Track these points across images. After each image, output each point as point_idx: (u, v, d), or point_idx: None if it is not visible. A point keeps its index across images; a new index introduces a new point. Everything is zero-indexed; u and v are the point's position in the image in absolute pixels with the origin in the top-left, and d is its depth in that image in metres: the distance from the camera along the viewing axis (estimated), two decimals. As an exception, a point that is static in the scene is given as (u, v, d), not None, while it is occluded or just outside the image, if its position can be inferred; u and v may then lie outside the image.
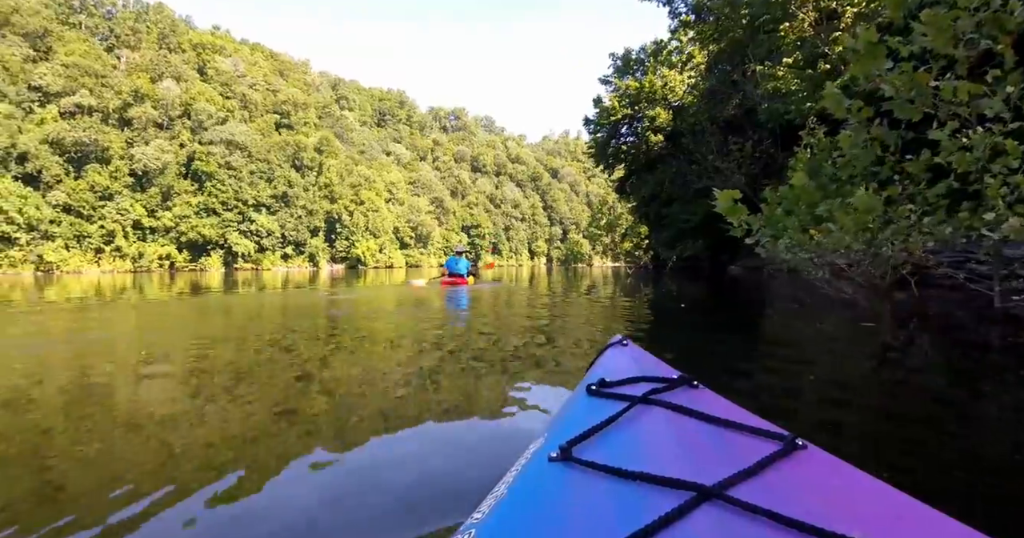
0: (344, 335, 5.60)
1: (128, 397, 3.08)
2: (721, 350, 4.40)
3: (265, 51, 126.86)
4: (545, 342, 4.79)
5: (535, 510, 0.83)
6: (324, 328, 6.28)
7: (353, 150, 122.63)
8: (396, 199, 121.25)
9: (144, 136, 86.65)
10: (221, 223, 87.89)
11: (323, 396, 3.04)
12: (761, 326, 6.45)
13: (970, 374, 3.55)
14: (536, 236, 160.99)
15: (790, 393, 3.02)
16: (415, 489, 1.76)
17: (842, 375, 3.53)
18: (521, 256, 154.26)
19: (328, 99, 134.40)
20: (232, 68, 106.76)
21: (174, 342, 5.17)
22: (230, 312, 8.78)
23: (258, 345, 4.85)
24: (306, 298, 12.29)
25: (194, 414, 2.66)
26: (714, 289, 14.26)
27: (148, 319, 7.74)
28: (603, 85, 41.12)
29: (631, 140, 39.87)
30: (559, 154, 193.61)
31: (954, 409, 2.73)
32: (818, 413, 2.66)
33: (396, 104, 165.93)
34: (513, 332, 5.40)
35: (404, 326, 6.37)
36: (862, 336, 5.05)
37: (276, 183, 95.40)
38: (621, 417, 1.14)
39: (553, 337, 5.06)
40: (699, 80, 34.19)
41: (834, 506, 0.79)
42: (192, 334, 5.83)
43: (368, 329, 6.19)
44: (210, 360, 4.17)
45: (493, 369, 3.72)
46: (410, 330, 5.91)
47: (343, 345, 4.93)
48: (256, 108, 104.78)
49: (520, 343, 4.75)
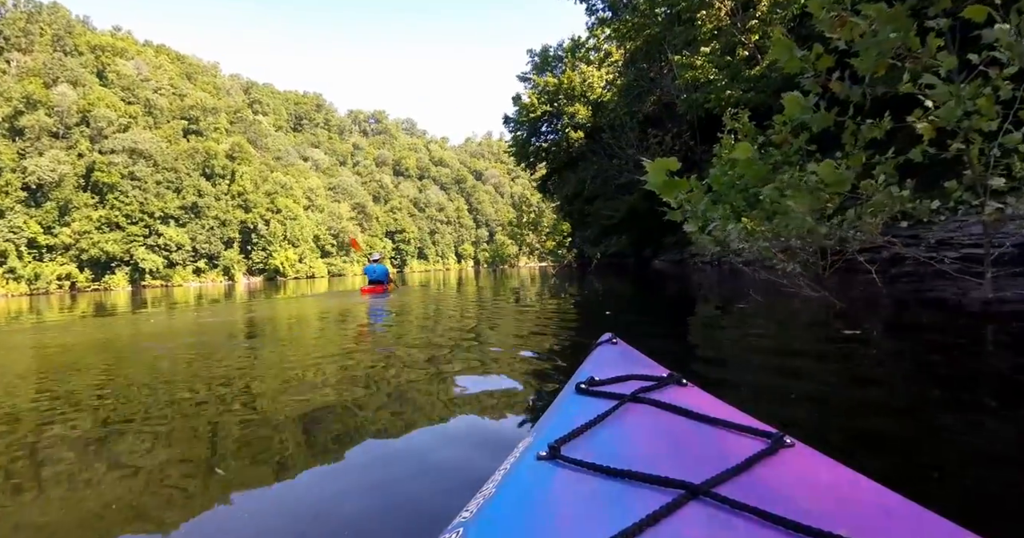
0: (265, 359, 4.97)
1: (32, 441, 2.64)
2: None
3: (171, 53, 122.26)
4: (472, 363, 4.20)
5: (523, 509, 0.85)
6: (242, 344, 6.19)
7: (268, 156, 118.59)
8: (315, 206, 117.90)
9: (38, 146, 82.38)
10: (126, 238, 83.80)
11: (300, 401, 3.01)
12: (702, 330, 5.71)
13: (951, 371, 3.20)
14: (462, 239, 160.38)
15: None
16: (403, 489, 1.78)
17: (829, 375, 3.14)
18: (448, 260, 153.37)
19: (240, 103, 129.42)
20: (135, 71, 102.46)
21: (76, 375, 4.50)
22: (141, 336, 7.95)
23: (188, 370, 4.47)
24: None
25: (105, 466, 2.25)
26: (641, 285, 13.79)
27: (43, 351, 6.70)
28: (522, 82, 40.91)
29: (552, 138, 39.80)
30: (482, 156, 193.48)
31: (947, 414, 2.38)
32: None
33: (313, 108, 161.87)
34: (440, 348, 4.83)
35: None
36: (835, 333, 4.42)
37: (185, 193, 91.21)
38: (609, 415, 1.16)
39: (482, 357, 4.42)
40: (617, 76, 34.40)
41: (821, 503, 0.80)
42: (96, 362, 5.17)
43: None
44: (121, 393, 3.65)
45: (472, 369, 3.76)
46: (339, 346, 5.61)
47: (279, 362, 4.69)
48: (162, 114, 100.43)
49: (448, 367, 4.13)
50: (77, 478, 2.10)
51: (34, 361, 5.58)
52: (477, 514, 0.85)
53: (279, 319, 9.52)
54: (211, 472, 2.08)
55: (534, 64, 39.86)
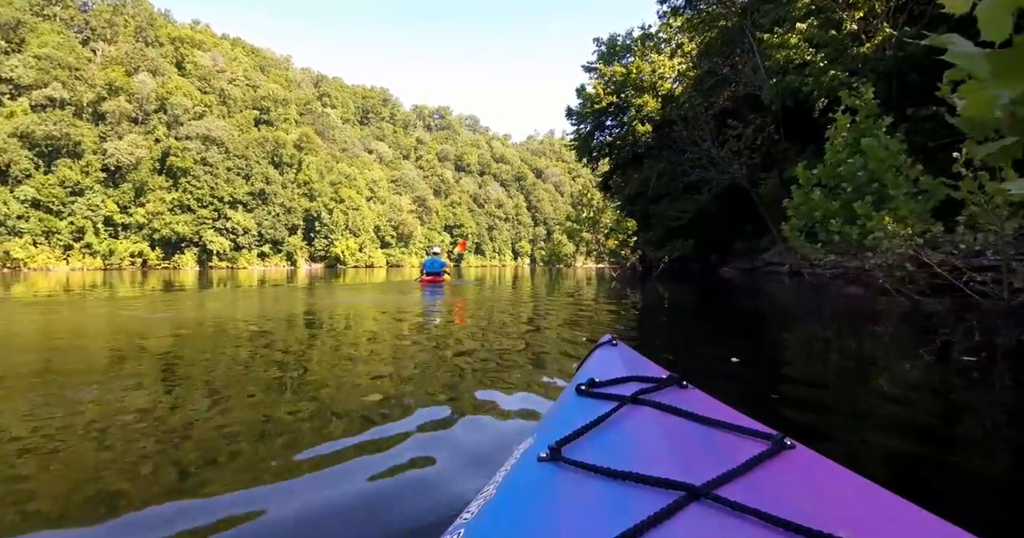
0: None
1: (97, 404, 2.80)
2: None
3: (246, 46, 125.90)
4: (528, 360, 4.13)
5: (524, 510, 0.84)
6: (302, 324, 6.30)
7: (334, 148, 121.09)
8: (377, 197, 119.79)
9: (118, 130, 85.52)
10: (196, 220, 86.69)
11: (304, 399, 2.91)
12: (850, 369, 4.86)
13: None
14: (520, 236, 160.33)
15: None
16: (403, 490, 1.75)
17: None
18: (504, 256, 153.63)
19: (310, 96, 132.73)
20: (211, 63, 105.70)
21: (143, 342, 4.88)
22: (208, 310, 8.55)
23: (235, 345, 4.72)
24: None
25: (167, 421, 2.49)
26: (716, 297, 12.41)
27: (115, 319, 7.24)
28: (587, 73, 38.67)
29: (616, 132, 37.55)
30: (544, 154, 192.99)
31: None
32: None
33: (379, 102, 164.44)
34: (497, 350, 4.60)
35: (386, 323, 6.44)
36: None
37: (253, 180, 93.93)
38: (610, 417, 1.15)
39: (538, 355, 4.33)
40: (690, 67, 32.42)
41: (822, 505, 0.80)
42: (166, 334, 5.49)
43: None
44: (183, 364, 3.94)
45: (481, 369, 3.67)
46: (393, 328, 5.99)
47: (330, 340, 4.98)
48: (235, 104, 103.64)
49: (504, 358, 4.20)
50: (105, 450, 2.14)
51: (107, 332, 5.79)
52: (478, 515, 0.86)
53: (338, 306, 9.40)
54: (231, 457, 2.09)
55: (600, 53, 37.47)
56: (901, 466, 1.96)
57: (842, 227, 7.74)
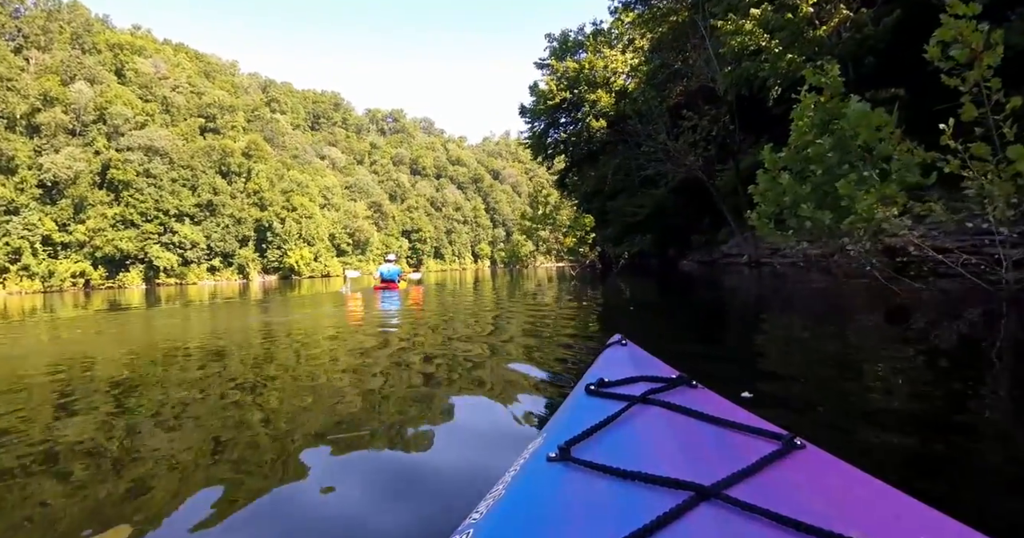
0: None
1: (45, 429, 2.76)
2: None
3: (190, 52, 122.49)
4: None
5: (533, 510, 0.86)
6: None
7: (285, 154, 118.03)
8: (331, 205, 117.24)
9: (54, 143, 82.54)
10: (140, 236, 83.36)
11: (309, 400, 3.00)
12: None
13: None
14: (479, 239, 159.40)
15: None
16: (413, 489, 1.79)
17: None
18: (465, 259, 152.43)
19: (258, 102, 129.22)
20: (153, 70, 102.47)
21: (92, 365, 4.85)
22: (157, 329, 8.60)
23: (183, 368, 4.56)
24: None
25: (119, 449, 2.41)
26: (676, 290, 12.60)
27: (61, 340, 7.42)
28: (539, 69, 38.49)
29: (571, 128, 37.49)
30: (500, 155, 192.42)
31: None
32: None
33: (331, 106, 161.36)
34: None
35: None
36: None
37: (200, 191, 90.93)
38: (620, 417, 1.16)
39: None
40: (643, 62, 32.21)
41: (833, 506, 0.81)
42: (113, 354, 5.47)
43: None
44: (138, 382, 3.91)
45: (482, 370, 3.76)
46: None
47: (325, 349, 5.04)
48: (179, 112, 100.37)
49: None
50: (79, 474, 2.08)
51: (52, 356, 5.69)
52: (487, 515, 0.86)
53: (293, 317, 9.50)
54: (211, 473, 2.04)
55: (552, 49, 37.39)
56: (907, 462, 1.91)
57: (814, 212, 7.28)
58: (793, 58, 16.54)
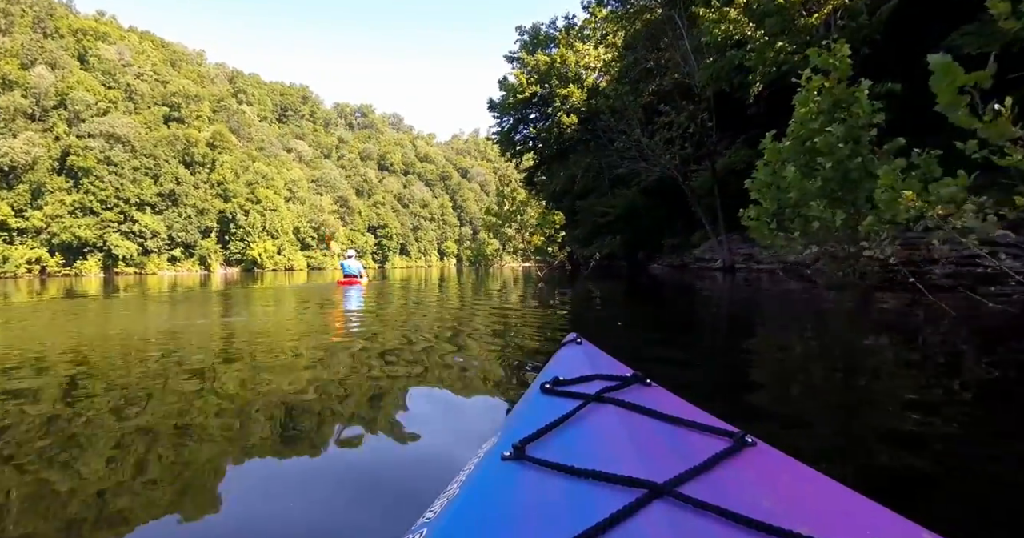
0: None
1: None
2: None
3: (155, 40, 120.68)
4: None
5: (487, 509, 0.85)
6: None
7: (251, 146, 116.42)
8: (297, 198, 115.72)
9: (12, 128, 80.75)
10: (99, 223, 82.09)
11: (262, 402, 2.86)
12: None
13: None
14: (446, 236, 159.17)
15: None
16: (366, 488, 1.79)
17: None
18: (431, 257, 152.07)
19: (224, 92, 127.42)
20: (117, 56, 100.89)
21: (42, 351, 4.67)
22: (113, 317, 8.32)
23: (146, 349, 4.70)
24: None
25: (79, 435, 2.37)
26: (648, 295, 11.85)
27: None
28: (509, 63, 37.39)
29: (541, 124, 36.45)
30: (469, 153, 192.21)
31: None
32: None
33: (299, 100, 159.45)
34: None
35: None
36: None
37: (163, 180, 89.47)
38: (574, 415, 1.16)
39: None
40: (617, 58, 31.27)
41: (783, 502, 0.81)
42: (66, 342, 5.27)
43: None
44: (89, 371, 3.80)
45: (440, 368, 3.68)
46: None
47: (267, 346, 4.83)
48: (142, 100, 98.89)
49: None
50: (39, 473, 1.98)
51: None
52: (441, 514, 0.86)
53: (257, 307, 9.55)
54: (178, 465, 2.02)
55: (523, 43, 36.34)
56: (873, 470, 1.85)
57: (823, 210, 6.54)
58: (784, 46, 15.56)
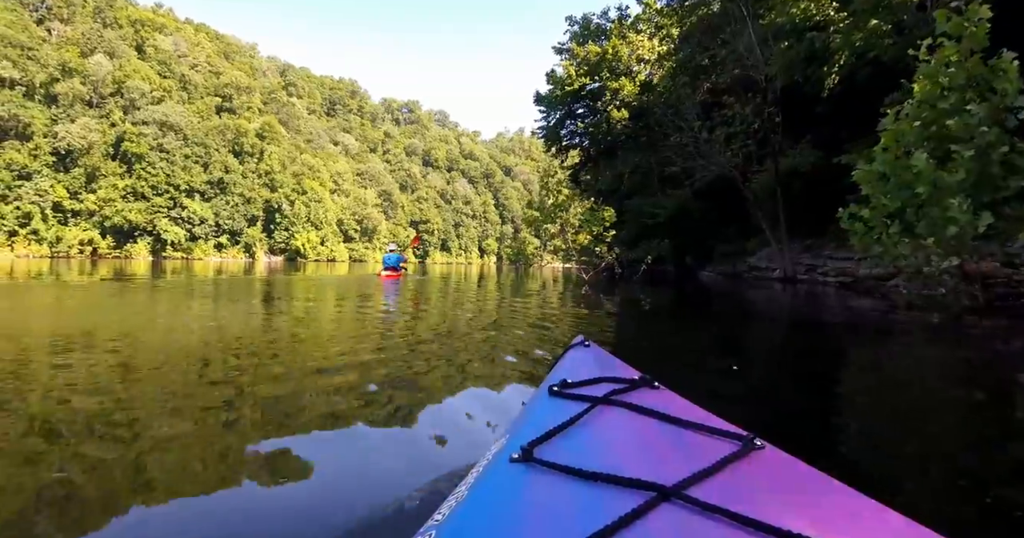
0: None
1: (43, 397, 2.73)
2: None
3: (210, 32, 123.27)
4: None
5: (495, 511, 0.85)
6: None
7: (299, 138, 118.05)
8: (342, 190, 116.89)
9: (70, 113, 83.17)
10: (150, 208, 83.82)
11: (270, 396, 2.88)
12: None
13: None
14: (487, 234, 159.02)
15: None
16: (375, 490, 1.78)
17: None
18: (471, 254, 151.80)
19: (275, 85, 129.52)
20: (172, 47, 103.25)
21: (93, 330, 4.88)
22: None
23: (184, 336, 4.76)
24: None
25: (123, 417, 2.46)
26: (710, 305, 10.94)
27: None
28: (557, 55, 35.74)
29: (589, 119, 34.64)
30: (513, 152, 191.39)
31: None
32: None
33: (347, 94, 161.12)
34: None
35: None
36: None
37: (212, 168, 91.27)
38: (582, 418, 1.16)
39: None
40: (672, 49, 29.65)
41: (791, 505, 0.82)
42: (113, 330, 5.19)
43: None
44: (132, 354, 3.90)
45: (452, 369, 3.68)
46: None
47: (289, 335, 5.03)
48: (196, 90, 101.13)
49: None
50: (82, 444, 2.10)
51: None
52: (449, 517, 0.85)
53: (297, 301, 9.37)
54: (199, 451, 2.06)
55: (573, 34, 34.85)
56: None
57: (964, 212, 5.03)
58: (877, 25, 13.37)
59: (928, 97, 5.81)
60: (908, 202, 5.93)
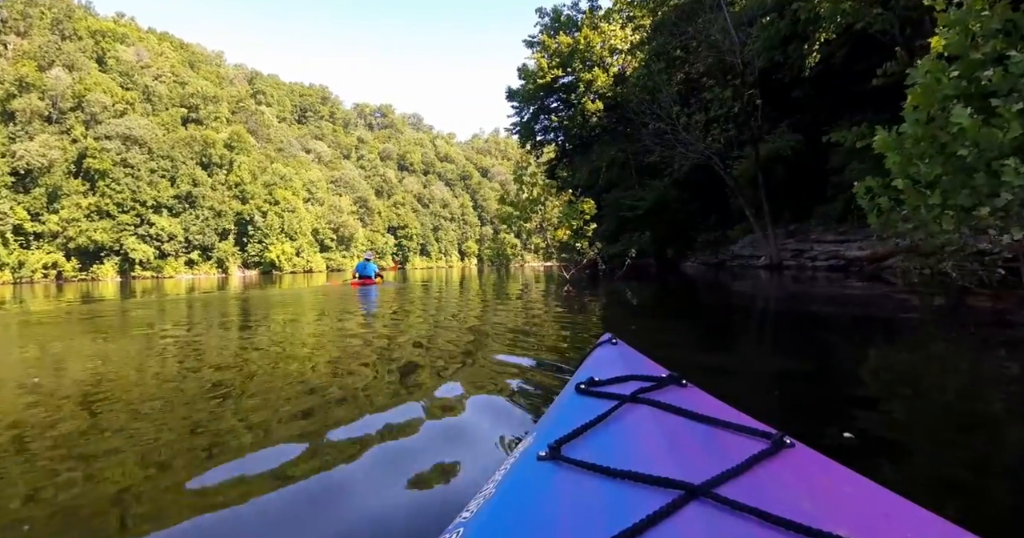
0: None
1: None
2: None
3: (174, 41, 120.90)
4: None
5: (523, 509, 0.86)
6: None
7: (269, 147, 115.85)
8: (316, 199, 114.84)
9: (29, 130, 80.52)
10: (116, 227, 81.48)
11: (298, 394, 2.99)
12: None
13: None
14: (466, 236, 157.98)
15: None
16: (403, 488, 1.76)
17: None
18: (451, 257, 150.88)
19: (243, 93, 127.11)
20: (135, 58, 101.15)
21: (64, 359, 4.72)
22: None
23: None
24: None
25: (96, 440, 2.36)
26: (704, 298, 10.48)
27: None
28: (528, 48, 35.15)
29: (563, 113, 34.27)
30: (489, 153, 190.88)
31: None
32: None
33: (318, 100, 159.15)
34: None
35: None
36: None
37: (180, 182, 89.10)
38: (610, 416, 1.16)
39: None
40: (645, 38, 29.13)
41: (821, 504, 0.81)
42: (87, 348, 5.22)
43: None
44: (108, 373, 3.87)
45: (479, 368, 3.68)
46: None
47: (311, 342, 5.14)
48: (160, 101, 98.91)
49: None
50: (59, 466, 2.03)
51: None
52: (477, 514, 0.86)
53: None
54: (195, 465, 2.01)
55: (543, 26, 34.48)
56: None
57: (1021, 173, 4.42)
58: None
59: (958, 48, 5.16)
60: (947, 169, 5.23)
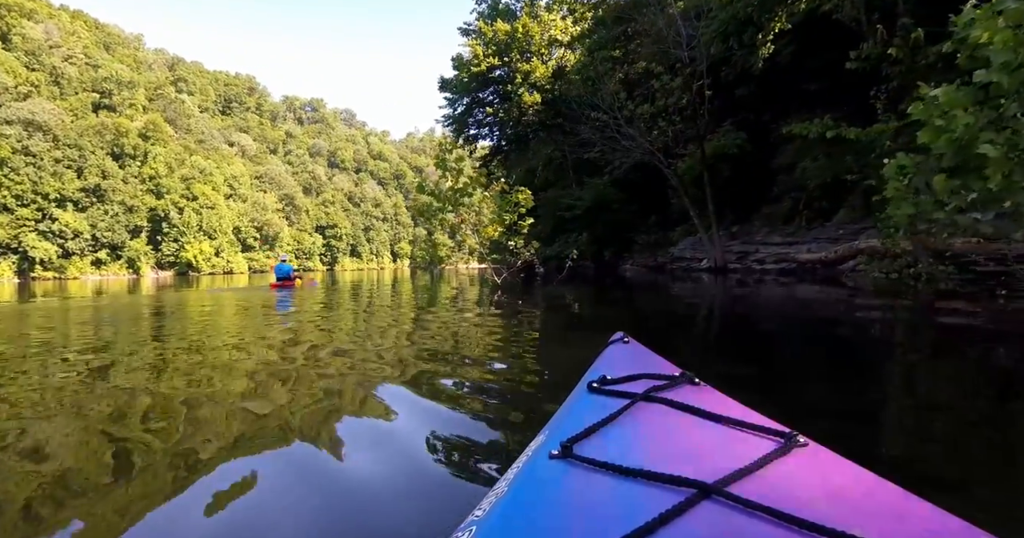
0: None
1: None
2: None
3: (89, 20, 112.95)
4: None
5: (536, 507, 0.87)
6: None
7: (189, 138, 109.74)
8: (238, 195, 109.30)
9: (-86, 112, 71.91)
10: (14, 222, 75.46)
11: (314, 392, 3.06)
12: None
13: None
14: (399, 237, 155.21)
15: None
16: (416, 486, 1.80)
17: None
18: (383, 258, 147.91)
19: (162, 79, 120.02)
20: (44, 36, 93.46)
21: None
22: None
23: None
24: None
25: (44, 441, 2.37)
26: (646, 304, 10.24)
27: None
28: (464, 36, 33.59)
29: (499, 105, 32.96)
30: (424, 152, 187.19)
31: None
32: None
33: (244, 91, 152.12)
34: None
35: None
36: None
37: (88, 174, 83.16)
38: (622, 414, 1.18)
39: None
40: (587, 30, 27.66)
41: (835, 503, 0.81)
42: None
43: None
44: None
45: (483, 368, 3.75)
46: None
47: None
48: (69, 84, 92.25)
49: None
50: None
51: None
52: (489, 512, 0.87)
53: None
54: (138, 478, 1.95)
55: (480, 14, 33.04)
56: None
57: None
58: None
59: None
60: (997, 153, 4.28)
